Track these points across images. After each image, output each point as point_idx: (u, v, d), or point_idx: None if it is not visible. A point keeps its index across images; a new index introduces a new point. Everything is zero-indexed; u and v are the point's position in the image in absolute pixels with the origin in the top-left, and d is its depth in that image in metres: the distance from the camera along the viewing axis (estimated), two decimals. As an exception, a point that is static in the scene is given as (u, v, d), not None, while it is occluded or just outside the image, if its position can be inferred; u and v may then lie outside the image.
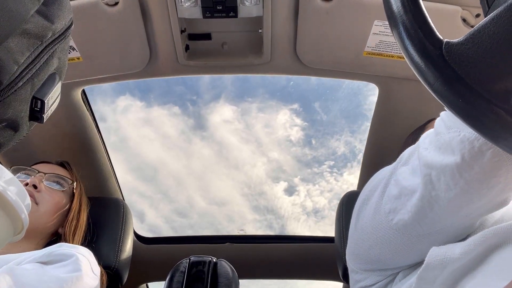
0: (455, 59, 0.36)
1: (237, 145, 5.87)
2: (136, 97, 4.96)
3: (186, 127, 5.61)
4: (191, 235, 1.82)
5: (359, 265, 0.74)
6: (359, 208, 0.72)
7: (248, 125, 5.31)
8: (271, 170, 5.83)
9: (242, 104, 5.09)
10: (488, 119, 0.35)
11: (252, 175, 5.95)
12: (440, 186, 0.52)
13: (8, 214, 0.54)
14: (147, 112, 5.00)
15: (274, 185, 5.85)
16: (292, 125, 5.42)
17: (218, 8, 1.01)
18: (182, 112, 5.52)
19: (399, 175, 0.62)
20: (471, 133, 0.47)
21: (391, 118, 1.31)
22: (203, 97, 5.30)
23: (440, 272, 0.54)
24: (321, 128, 5.37)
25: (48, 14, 0.45)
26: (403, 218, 0.59)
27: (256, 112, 5.09)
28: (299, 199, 5.89)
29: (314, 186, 5.67)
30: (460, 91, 0.36)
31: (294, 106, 5.25)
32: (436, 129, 0.55)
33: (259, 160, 5.79)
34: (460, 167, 0.49)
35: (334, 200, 5.87)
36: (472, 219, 0.57)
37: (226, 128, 5.47)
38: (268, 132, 5.46)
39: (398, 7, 0.39)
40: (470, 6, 1.01)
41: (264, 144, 5.61)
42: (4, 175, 0.56)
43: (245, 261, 1.69)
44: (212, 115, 5.38)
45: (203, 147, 5.99)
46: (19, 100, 0.44)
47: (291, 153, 5.70)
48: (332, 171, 5.52)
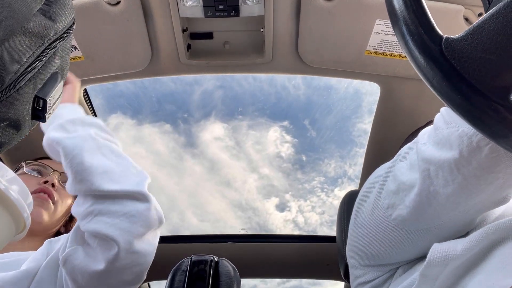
0: (454, 55, 0.36)
1: (228, 162, 5.87)
2: (127, 115, 4.96)
3: (177, 144, 5.61)
4: (192, 234, 1.82)
5: (359, 261, 0.74)
6: (358, 204, 0.72)
7: (239, 142, 5.31)
8: (262, 186, 5.85)
9: (232, 121, 5.10)
10: (486, 116, 0.35)
11: (243, 191, 5.96)
12: (438, 181, 0.52)
13: (10, 213, 0.54)
14: (138, 130, 5.01)
15: (266, 201, 5.86)
16: (282, 141, 5.44)
17: (220, 8, 1.01)
18: (173, 129, 5.54)
19: (397, 170, 0.62)
20: (469, 128, 0.47)
21: (393, 117, 1.31)
22: (194, 115, 5.30)
23: (442, 269, 0.54)
24: (312, 144, 5.38)
25: (50, 13, 0.45)
26: (402, 214, 0.59)
27: (247, 129, 5.10)
28: (290, 215, 5.91)
29: (305, 201, 5.70)
30: (459, 87, 0.36)
31: (284, 123, 5.27)
32: (435, 124, 0.55)
33: (250, 176, 5.81)
34: (458, 163, 0.49)
35: (326, 215, 5.89)
36: (471, 215, 0.57)
37: (217, 145, 5.47)
38: (259, 149, 5.48)
39: (400, 4, 0.39)
40: (473, 5, 1.01)
41: (255, 160, 5.62)
42: (6, 173, 0.56)
43: (246, 260, 1.69)
44: (203, 133, 5.39)
45: (195, 164, 6.00)
46: (21, 99, 0.44)
47: (282, 169, 5.72)
48: (322, 187, 5.53)
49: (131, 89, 5.27)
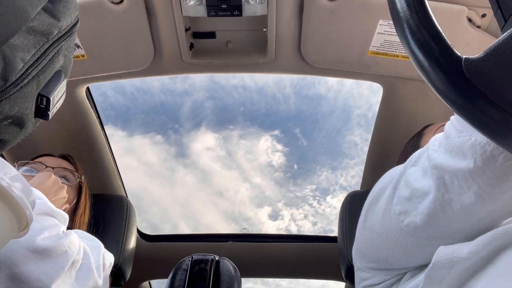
0: (476, 76, 0.35)
1: (220, 172, 5.88)
2: (118, 127, 4.97)
3: (168, 155, 5.62)
4: (193, 233, 1.82)
5: (366, 264, 0.74)
6: (368, 208, 0.71)
7: (230, 152, 5.33)
8: (255, 195, 5.87)
9: (223, 131, 5.12)
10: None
11: (236, 201, 5.98)
12: (453, 189, 0.52)
13: (13, 211, 0.54)
14: (129, 142, 5.02)
15: (258, 210, 5.88)
16: (274, 150, 5.46)
17: (223, 7, 1.01)
18: (164, 140, 5.56)
19: (409, 176, 0.61)
20: (482, 137, 0.47)
21: (395, 117, 1.31)
22: (185, 126, 5.32)
23: (447, 271, 0.54)
24: (303, 153, 5.39)
25: (54, 12, 0.45)
26: (415, 220, 0.59)
27: (238, 139, 5.12)
28: (283, 224, 5.92)
29: (297, 210, 5.71)
30: (484, 108, 0.35)
31: (275, 132, 5.29)
32: (446, 132, 0.54)
33: (242, 186, 5.82)
34: (472, 172, 0.49)
35: (318, 223, 5.89)
36: (485, 224, 0.56)
37: (208, 155, 5.48)
38: (250, 158, 5.49)
39: (411, 25, 0.38)
40: (476, 6, 1.01)
41: (247, 170, 5.64)
42: (9, 171, 0.57)
43: (247, 260, 1.69)
44: (194, 143, 5.40)
45: (186, 174, 6.01)
46: (25, 97, 0.45)
47: (274, 178, 5.75)
48: (314, 195, 5.55)
49: (121, 101, 5.29)
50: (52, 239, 0.81)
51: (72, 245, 0.85)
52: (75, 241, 0.86)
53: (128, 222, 1.31)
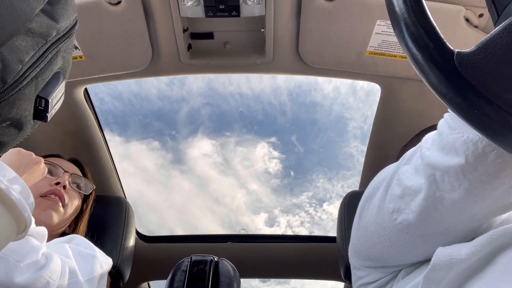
0: (467, 69, 0.35)
1: (216, 178, 5.90)
2: (115, 133, 4.97)
3: (165, 161, 5.63)
4: (192, 234, 1.82)
5: (361, 262, 0.74)
6: (362, 206, 0.72)
7: (227, 159, 5.35)
8: (251, 202, 5.88)
9: (220, 138, 5.14)
10: (507, 130, 0.35)
11: (232, 207, 5.99)
12: (444, 186, 0.52)
13: (11, 213, 0.54)
14: (126, 147, 5.03)
15: (255, 216, 5.90)
16: (270, 157, 5.47)
17: (221, 7, 1.01)
18: (161, 146, 5.57)
19: (402, 174, 0.62)
20: (474, 134, 0.47)
21: (393, 117, 1.31)
22: (182, 132, 5.33)
23: (446, 272, 0.54)
24: (299, 159, 5.41)
25: (52, 13, 0.45)
26: (407, 218, 0.59)
27: (234, 145, 5.15)
28: (280, 230, 5.93)
29: (294, 216, 5.73)
30: (475, 102, 0.35)
31: (272, 139, 5.31)
32: (439, 129, 0.55)
33: (239, 192, 5.84)
34: (464, 168, 0.49)
35: (315, 230, 5.91)
36: (477, 221, 0.57)
37: (205, 162, 5.50)
38: (247, 165, 5.51)
39: (407, 21, 0.39)
40: (474, 6, 1.01)
41: (243, 176, 5.66)
42: (7, 173, 0.56)
43: (246, 260, 1.69)
44: (191, 149, 5.42)
45: (183, 180, 6.02)
46: (23, 99, 0.44)
47: (270, 185, 5.76)
48: (311, 202, 5.56)
49: (119, 107, 5.31)
50: (31, 271, 0.76)
51: (53, 273, 0.80)
52: (56, 267, 0.81)
53: (127, 223, 1.31)
